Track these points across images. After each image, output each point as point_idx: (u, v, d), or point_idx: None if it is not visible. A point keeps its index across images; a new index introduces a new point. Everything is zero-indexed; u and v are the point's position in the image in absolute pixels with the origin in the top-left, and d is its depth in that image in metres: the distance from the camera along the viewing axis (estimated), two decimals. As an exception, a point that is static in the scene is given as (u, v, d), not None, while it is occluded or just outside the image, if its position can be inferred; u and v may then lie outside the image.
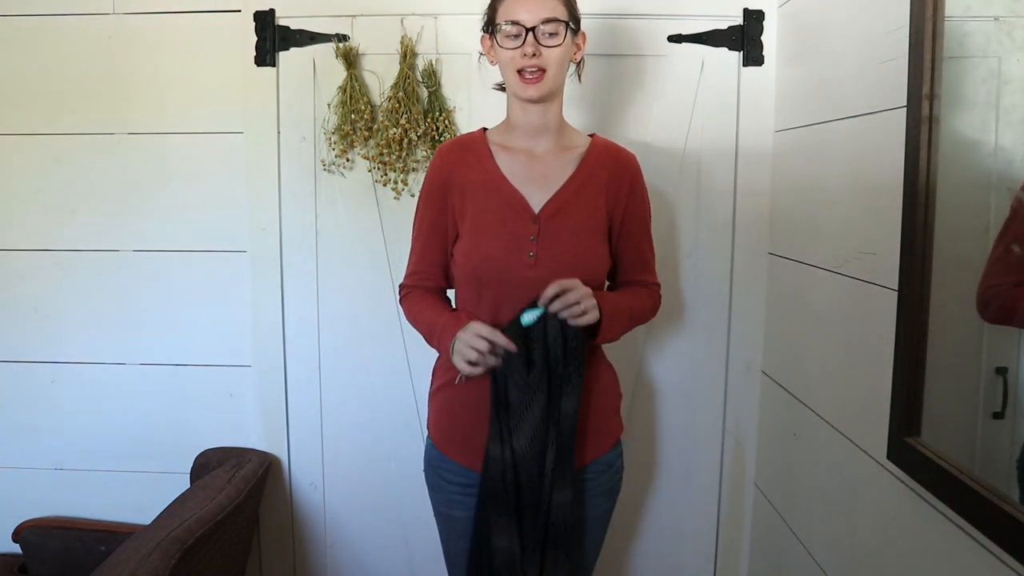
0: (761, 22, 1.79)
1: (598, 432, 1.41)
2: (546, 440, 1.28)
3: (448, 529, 1.46)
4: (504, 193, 1.36)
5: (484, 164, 1.38)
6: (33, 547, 1.93)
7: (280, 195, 1.87)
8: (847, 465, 1.43)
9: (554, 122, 1.39)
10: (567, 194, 1.36)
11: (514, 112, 1.40)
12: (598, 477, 1.41)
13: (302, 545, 2.01)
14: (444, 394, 1.43)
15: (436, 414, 1.46)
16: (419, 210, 1.45)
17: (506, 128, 1.43)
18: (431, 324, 1.38)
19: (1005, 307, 1.03)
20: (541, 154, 1.39)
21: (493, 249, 1.33)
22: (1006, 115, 1.03)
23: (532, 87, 1.30)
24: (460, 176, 1.39)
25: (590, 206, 1.37)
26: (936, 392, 1.13)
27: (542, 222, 1.34)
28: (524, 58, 1.28)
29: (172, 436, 1.96)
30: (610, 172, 1.40)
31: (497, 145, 1.41)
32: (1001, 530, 0.94)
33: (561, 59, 1.31)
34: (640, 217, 1.45)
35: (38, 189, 1.92)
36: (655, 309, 1.50)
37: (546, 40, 1.28)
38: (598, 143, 1.44)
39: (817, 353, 1.57)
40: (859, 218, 1.39)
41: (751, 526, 1.95)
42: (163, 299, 1.93)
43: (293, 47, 1.83)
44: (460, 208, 1.38)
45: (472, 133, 1.47)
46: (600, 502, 1.43)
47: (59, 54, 1.87)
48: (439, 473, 1.43)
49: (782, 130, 1.77)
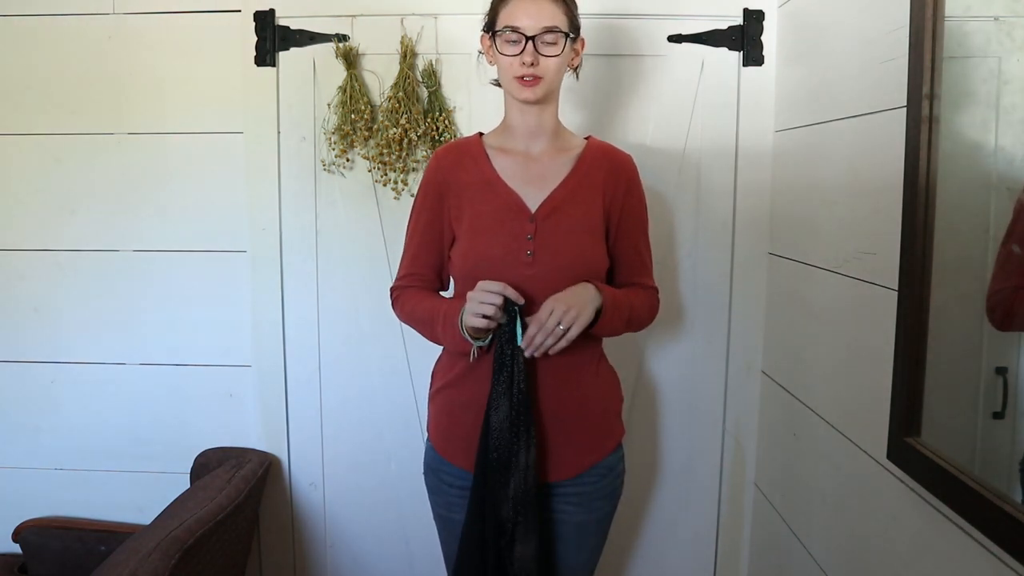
0: (761, 22, 1.79)
1: (599, 435, 1.41)
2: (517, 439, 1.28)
3: (448, 532, 1.45)
4: (501, 194, 1.36)
5: (481, 166, 1.39)
6: (33, 547, 1.93)
7: (280, 195, 1.87)
8: (847, 465, 1.43)
9: (550, 124, 1.40)
10: (564, 193, 1.37)
11: (511, 114, 1.41)
12: (599, 481, 1.40)
13: (302, 545, 2.01)
14: (444, 396, 1.43)
15: (436, 416, 1.46)
16: (414, 212, 1.45)
17: (503, 131, 1.44)
18: (432, 310, 1.37)
19: (1009, 311, 1.03)
20: (537, 155, 1.40)
21: (491, 248, 1.33)
22: (1006, 115, 1.03)
23: (529, 89, 1.32)
24: (456, 179, 1.39)
25: (586, 205, 1.37)
26: (936, 392, 1.13)
27: (539, 221, 1.34)
28: (523, 66, 1.29)
29: (172, 436, 1.96)
30: (606, 173, 1.40)
31: (493, 148, 1.42)
32: (1001, 530, 0.94)
33: (559, 67, 1.32)
34: (637, 218, 1.44)
35: (38, 189, 1.92)
36: (653, 313, 1.48)
37: (545, 49, 1.30)
38: (593, 144, 1.44)
39: (817, 353, 1.57)
40: (859, 218, 1.39)
41: (751, 526, 1.95)
42: (163, 299, 1.93)
43: (293, 47, 1.83)
44: (457, 211, 1.39)
45: (468, 137, 1.48)
46: (600, 506, 1.42)
47: (59, 54, 1.87)
48: (439, 476, 1.43)
49: (782, 130, 1.77)
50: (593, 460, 1.39)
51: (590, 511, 1.40)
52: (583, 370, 1.39)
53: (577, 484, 1.38)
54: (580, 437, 1.38)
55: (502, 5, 1.33)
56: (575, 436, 1.37)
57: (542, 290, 1.28)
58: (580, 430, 1.38)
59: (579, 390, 1.38)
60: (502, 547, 1.29)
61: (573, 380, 1.37)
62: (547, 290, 1.27)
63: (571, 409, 1.37)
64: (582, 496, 1.39)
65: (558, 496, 1.39)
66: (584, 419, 1.38)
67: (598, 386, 1.42)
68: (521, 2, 1.30)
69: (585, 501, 1.39)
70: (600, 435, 1.41)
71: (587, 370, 1.39)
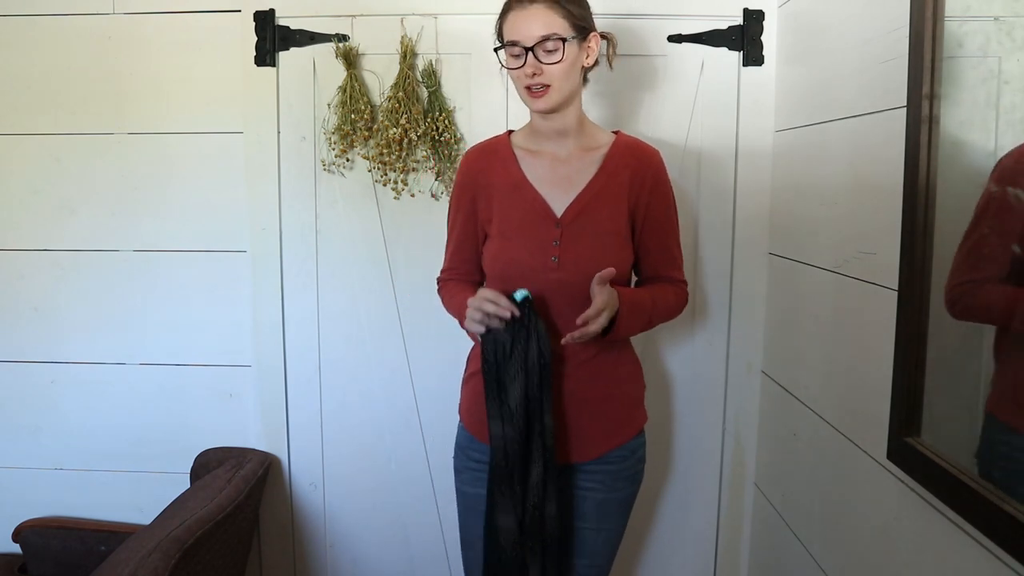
0: (761, 22, 1.79)
1: (622, 420, 1.46)
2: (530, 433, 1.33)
3: (467, 509, 1.50)
4: (528, 198, 1.41)
5: (509, 168, 1.44)
6: (33, 547, 1.93)
7: (280, 195, 1.87)
8: (847, 465, 1.43)
9: (573, 125, 1.42)
10: (589, 196, 1.40)
11: (535, 118, 1.44)
12: (621, 463, 1.46)
13: (302, 545, 2.01)
14: (477, 380, 1.46)
15: (467, 399, 1.51)
16: (451, 210, 1.52)
17: (530, 131, 1.47)
18: (460, 306, 1.42)
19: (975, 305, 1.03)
20: (564, 157, 1.43)
21: (518, 253, 1.38)
22: (1006, 115, 1.03)
23: (539, 100, 1.34)
24: (486, 180, 1.45)
25: (612, 206, 1.41)
26: (936, 392, 1.13)
27: (564, 226, 1.38)
28: (528, 77, 1.32)
29: (172, 436, 1.96)
30: (632, 170, 1.42)
31: (521, 149, 1.46)
32: (1001, 530, 0.94)
33: (564, 73, 1.33)
34: (663, 212, 1.47)
35: (38, 189, 1.92)
36: (681, 307, 1.51)
37: (545, 57, 1.31)
38: (621, 141, 1.46)
39: (817, 353, 1.57)
40: (859, 218, 1.39)
41: (751, 526, 1.95)
42: (163, 299, 1.93)
43: (293, 47, 1.83)
44: (487, 211, 1.44)
45: (498, 137, 1.52)
46: (623, 486, 1.47)
47: (59, 54, 1.87)
48: (467, 453, 1.49)
49: (782, 130, 1.77)
50: (616, 443, 1.44)
51: (612, 490, 1.45)
52: (607, 357, 1.43)
53: (601, 463, 1.44)
54: (604, 421, 1.43)
55: (504, 21, 1.37)
56: (599, 420, 1.43)
57: (567, 294, 1.33)
58: (604, 414, 1.43)
59: (603, 376, 1.43)
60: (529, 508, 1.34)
61: (598, 366, 1.42)
62: (571, 294, 1.31)
63: (597, 393, 1.42)
64: (605, 475, 1.44)
65: (583, 474, 1.45)
66: (608, 403, 1.44)
67: (621, 373, 1.47)
68: (516, 16, 1.33)
69: (608, 480, 1.45)
70: (623, 420, 1.46)
71: (611, 357, 1.44)
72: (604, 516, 1.46)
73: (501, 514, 1.36)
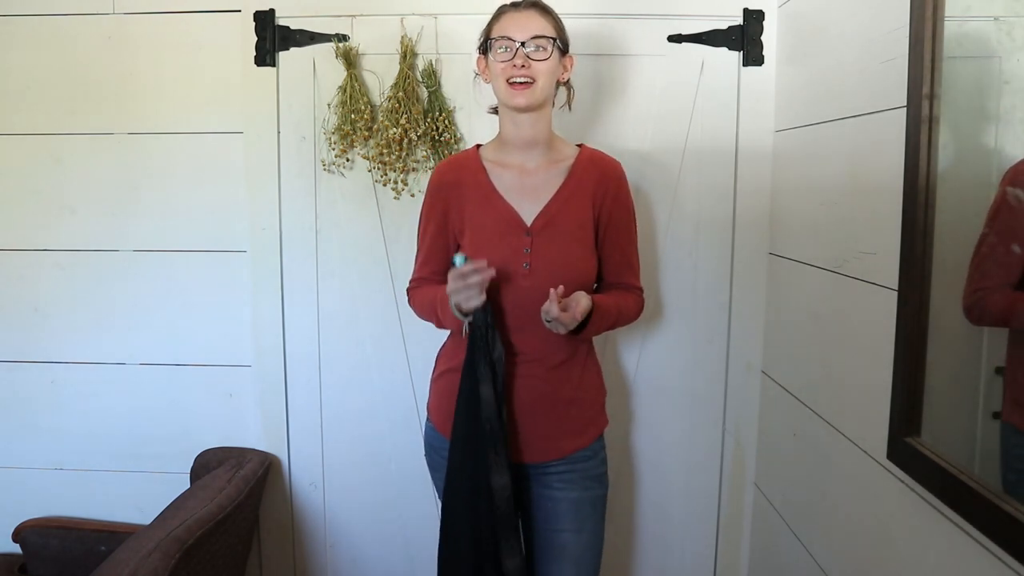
0: (761, 22, 1.79)
1: (586, 422, 1.51)
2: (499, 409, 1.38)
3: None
4: (499, 209, 1.46)
5: (479, 180, 1.49)
6: (33, 547, 1.93)
7: (280, 195, 1.87)
8: (847, 465, 1.43)
9: (543, 135, 1.48)
10: (557, 205, 1.46)
11: (506, 127, 1.49)
12: (586, 462, 1.50)
13: (302, 545, 2.01)
14: (447, 380, 1.50)
15: (437, 398, 1.55)
16: (422, 219, 1.56)
17: (499, 144, 1.52)
18: (433, 297, 1.47)
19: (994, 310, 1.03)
20: (532, 168, 1.49)
21: (491, 262, 1.39)
22: (1006, 115, 1.03)
23: (521, 95, 1.39)
24: (457, 192, 1.49)
25: (578, 215, 1.46)
26: (936, 392, 1.13)
27: (534, 234, 1.44)
28: (514, 69, 1.38)
29: (172, 436, 1.96)
30: (596, 180, 1.49)
31: (490, 161, 1.51)
32: (1001, 530, 0.94)
33: (549, 71, 1.41)
34: (623, 221, 1.52)
35: (38, 189, 1.92)
36: (638, 313, 1.57)
37: (534, 54, 1.39)
38: (585, 154, 1.52)
39: (817, 353, 1.57)
40: (859, 218, 1.39)
41: (751, 526, 1.95)
42: (163, 299, 1.93)
43: (293, 47, 1.83)
44: (458, 222, 1.49)
45: (466, 151, 1.57)
46: (593, 485, 1.50)
47: (59, 54, 1.87)
48: (440, 453, 1.51)
49: (782, 130, 1.77)
50: (579, 445, 1.49)
51: (585, 489, 1.49)
52: (576, 362, 1.49)
53: (568, 463, 1.48)
54: (572, 422, 1.49)
55: (495, 21, 1.44)
56: (568, 421, 1.48)
57: (538, 300, 1.35)
58: (571, 416, 1.49)
59: (573, 380, 1.49)
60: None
61: (569, 371, 1.48)
62: (543, 299, 1.34)
63: (567, 395, 1.48)
64: (574, 474, 1.49)
65: (554, 476, 1.48)
66: (576, 406, 1.49)
67: (588, 378, 1.53)
68: (512, 15, 1.42)
69: (578, 479, 1.49)
70: (588, 421, 1.52)
71: (579, 362, 1.50)
72: (582, 516, 1.49)
73: (496, 475, 1.38)
